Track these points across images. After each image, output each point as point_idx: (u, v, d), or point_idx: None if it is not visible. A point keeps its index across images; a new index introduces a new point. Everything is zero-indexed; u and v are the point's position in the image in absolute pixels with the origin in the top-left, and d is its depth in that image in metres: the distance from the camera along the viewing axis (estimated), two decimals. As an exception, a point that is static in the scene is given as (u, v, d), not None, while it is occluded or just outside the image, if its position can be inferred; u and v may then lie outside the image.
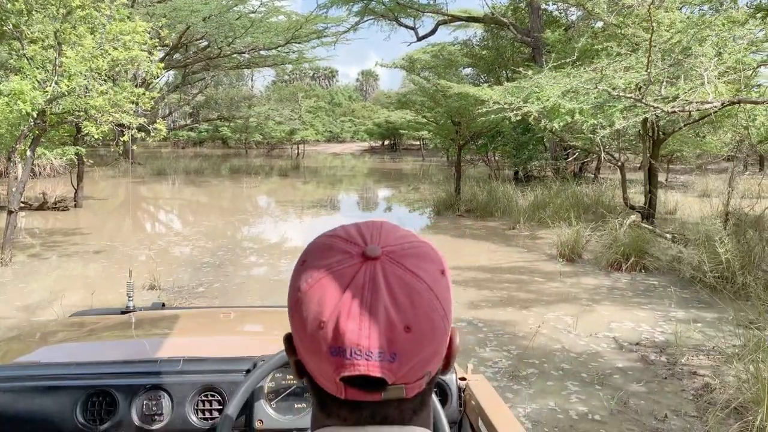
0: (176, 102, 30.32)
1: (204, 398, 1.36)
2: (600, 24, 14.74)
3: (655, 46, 7.30)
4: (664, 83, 7.66)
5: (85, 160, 12.67)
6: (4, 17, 7.41)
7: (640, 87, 8.02)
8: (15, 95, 6.94)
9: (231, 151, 43.34)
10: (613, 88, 7.26)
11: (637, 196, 11.84)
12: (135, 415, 1.32)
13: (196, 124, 36.62)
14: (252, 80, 50.56)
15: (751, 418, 3.13)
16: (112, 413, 1.32)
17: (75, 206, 12.92)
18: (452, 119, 12.53)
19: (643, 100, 6.85)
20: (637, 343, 4.86)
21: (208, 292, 6.43)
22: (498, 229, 10.62)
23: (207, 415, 1.35)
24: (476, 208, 12.23)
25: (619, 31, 9.89)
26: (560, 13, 20.44)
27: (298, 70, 55.84)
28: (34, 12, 7.28)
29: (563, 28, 18.41)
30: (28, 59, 7.48)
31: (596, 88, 6.91)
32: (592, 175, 18.04)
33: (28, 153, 7.61)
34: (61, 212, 12.30)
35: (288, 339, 0.63)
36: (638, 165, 20.42)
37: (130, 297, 2.21)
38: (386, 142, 53.57)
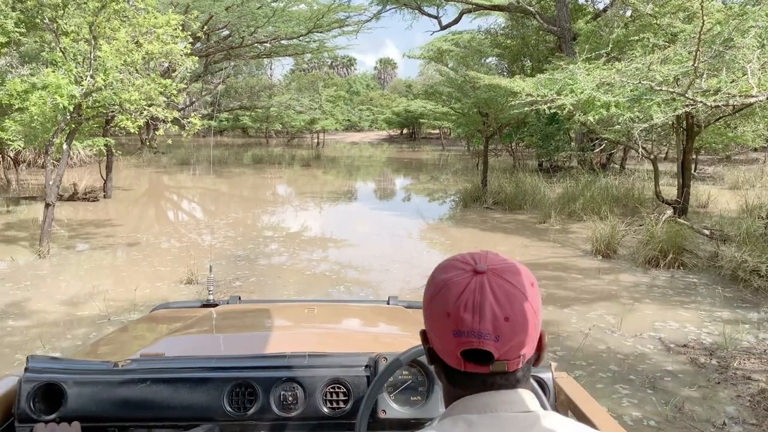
0: (198, 92, 30.41)
1: (331, 390, 1.50)
2: (629, 13, 14.49)
3: (695, 37, 7.12)
4: (705, 75, 7.49)
5: (113, 151, 12.74)
6: (40, 10, 7.43)
7: (678, 79, 7.86)
8: (52, 89, 6.97)
9: (251, 140, 43.45)
10: (652, 81, 7.11)
11: (668, 189, 11.66)
12: (274, 404, 1.47)
13: (218, 114, 36.72)
14: (271, 69, 50.47)
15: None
16: (254, 402, 1.47)
17: (104, 197, 13.03)
18: (480, 110, 12.39)
19: (686, 94, 6.70)
20: (685, 345, 4.78)
21: (245, 286, 6.44)
22: (528, 223, 10.52)
23: (335, 405, 1.49)
24: (504, 200, 12.12)
25: (655, 21, 9.68)
26: (587, 1, 20.08)
27: (316, 58, 55.65)
28: (69, 5, 7.29)
29: (591, 16, 18.11)
30: (62, 52, 7.51)
31: (640, 81, 6.73)
32: (618, 166, 17.81)
33: (65, 146, 7.66)
34: (91, 203, 12.41)
35: (423, 333, 0.88)
36: (664, 156, 20.16)
37: (210, 291, 2.42)
38: (405, 131, 53.33)
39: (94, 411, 1.42)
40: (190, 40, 8.88)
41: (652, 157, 10.38)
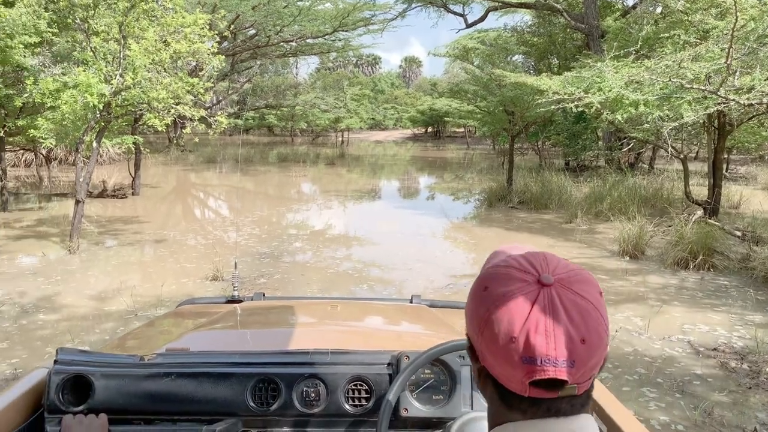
0: (225, 90, 30.73)
1: (353, 387, 1.50)
2: (659, 10, 14.22)
3: (728, 34, 6.96)
4: (738, 73, 7.31)
5: (142, 149, 12.93)
6: (71, 10, 7.57)
7: (710, 77, 7.68)
8: (83, 88, 7.10)
9: (277, 138, 43.77)
10: (682, 79, 6.97)
11: (698, 189, 11.44)
12: (296, 400, 1.48)
13: (244, 112, 37.12)
14: (297, 68, 50.76)
15: None
16: (276, 398, 1.48)
17: (132, 194, 13.25)
18: (506, 109, 12.29)
19: (718, 92, 6.55)
20: (715, 349, 4.67)
21: (269, 283, 6.49)
22: (554, 223, 10.40)
23: (357, 402, 1.50)
24: (530, 200, 12.01)
25: (686, 17, 9.48)
26: (616, -2, 19.79)
27: (341, 57, 55.81)
28: (99, 6, 7.42)
29: (620, 13, 17.85)
30: (93, 51, 7.65)
31: (669, 79, 6.60)
32: (647, 166, 17.52)
33: (94, 144, 7.80)
34: (119, 200, 12.64)
35: (471, 349, 0.77)
36: (694, 155, 19.77)
37: (235, 287, 2.45)
38: (429, 130, 53.25)
39: (121, 403, 1.44)
40: (217, 39, 8.98)
41: (681, 156, 10.17)
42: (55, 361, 1.49)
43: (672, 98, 7.61)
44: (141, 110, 8.06)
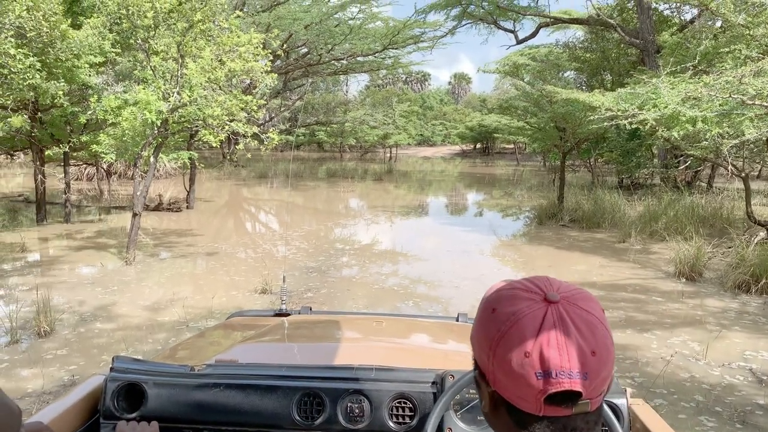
0: (277, 107, 31.43)
1: (397, 404, 1.49)
2: (719, 24, 13.79)
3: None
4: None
5: (197, 164, 13.34)
6: (133, 31, 7.92)
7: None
8: (142, 105, 7.39)
9: (326, 154, 44.42)
10: (744, 95, 6.72)
11: (761, 209, 10.97)
12: (341, 415, 1.48)
13: (295, 129, 37.87)
14: (347, 85, 51.51)
15: None
16: (321, 412, 1.49)
17: (187, 207, 13.64)
18: (557, 125, 12.11)
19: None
20: (780, 378, 4.43)
21: (316, 298, 6.54)
22: (607, 242, 10.14)
23: (401, 420, 1.48)
24: (581, 218, 11.75)
25: (748, 31, 9.15)
26: (672, 12, 19.29)
27: (391, 74, 56.32)
28: (160, 27, 7.73)
29: (677, 28, 17.40)
30: (153, 69, 7.97)
31: (730, 95, 6.38)
32: (705, 184, 16.90)
33: (152, 159, 8.09)
34: (174, 213, 13.03)
35: (482, 376, 0.77)
36: (757, 174, 18.96)
37: (283, 300, 2.49)
38: (478, 146, 52.98)
39: (172, 412, 1.48)
40: (271, 57, 9.19)
41: (743, 175, 9.76)
42: (111, 369, 1.54)
43: (732, 115, 7.35)
44: (196, 127, 8.32)
